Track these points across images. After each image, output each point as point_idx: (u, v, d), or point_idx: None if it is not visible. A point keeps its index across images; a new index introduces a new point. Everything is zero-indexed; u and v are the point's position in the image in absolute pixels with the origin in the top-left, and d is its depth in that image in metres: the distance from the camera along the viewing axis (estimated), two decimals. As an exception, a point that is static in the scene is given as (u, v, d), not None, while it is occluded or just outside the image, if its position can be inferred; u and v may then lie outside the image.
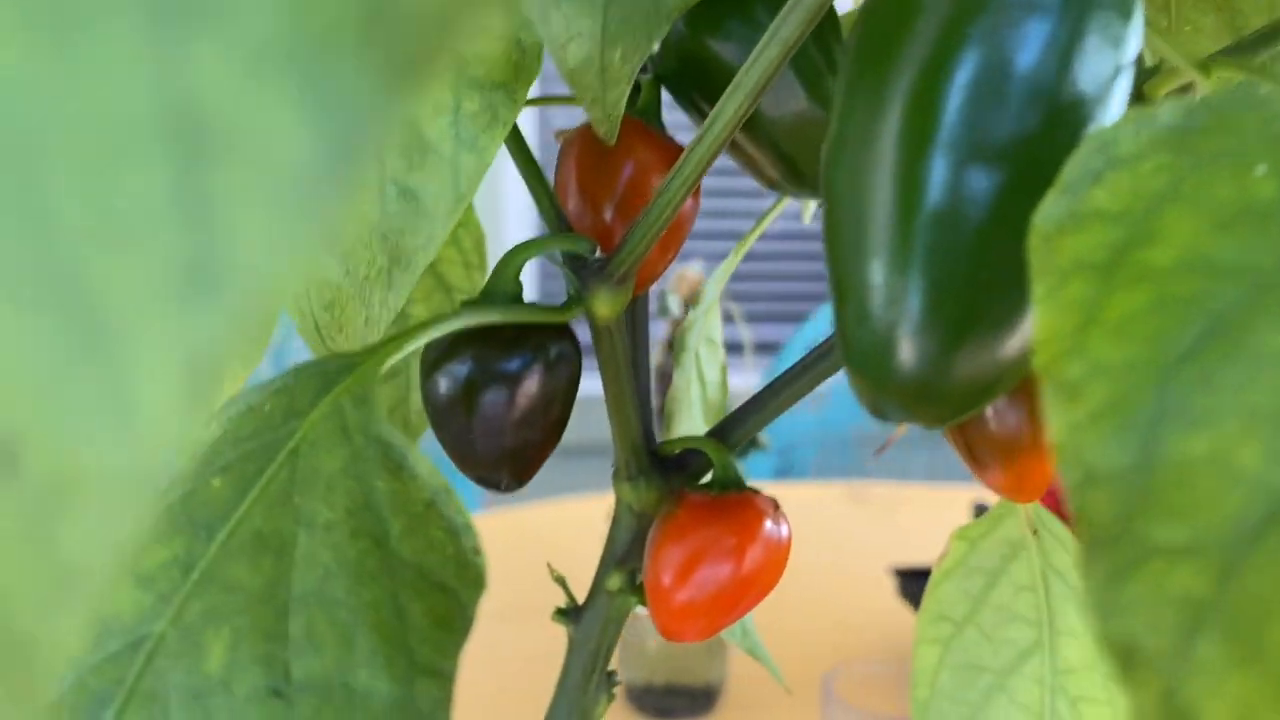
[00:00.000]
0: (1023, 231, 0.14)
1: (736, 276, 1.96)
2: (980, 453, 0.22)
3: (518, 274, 0.20)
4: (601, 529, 0.26)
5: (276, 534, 0.14)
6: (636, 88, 0.23)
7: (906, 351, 0.14)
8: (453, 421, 0.20)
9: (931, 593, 0.30)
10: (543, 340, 0.21)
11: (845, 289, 0.15)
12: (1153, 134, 0.12)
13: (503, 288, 0.20)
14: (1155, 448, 0.11)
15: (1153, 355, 0.11)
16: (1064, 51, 0.14)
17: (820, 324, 1.93)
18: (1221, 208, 0.12)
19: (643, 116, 0.23)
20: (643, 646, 0.89)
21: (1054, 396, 0.11)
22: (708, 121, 0.19)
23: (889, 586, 0.99)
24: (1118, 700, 0.28)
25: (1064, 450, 0.11)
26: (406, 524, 0.14)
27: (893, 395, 0.15)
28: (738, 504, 0.23)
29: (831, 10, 0.21)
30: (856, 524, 1.21)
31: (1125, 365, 0.11)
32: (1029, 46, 0.14)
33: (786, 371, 0.24)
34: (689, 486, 0.24)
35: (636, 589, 0.25)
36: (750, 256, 2.38)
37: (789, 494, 1.32)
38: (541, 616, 0.29)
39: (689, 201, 0.24)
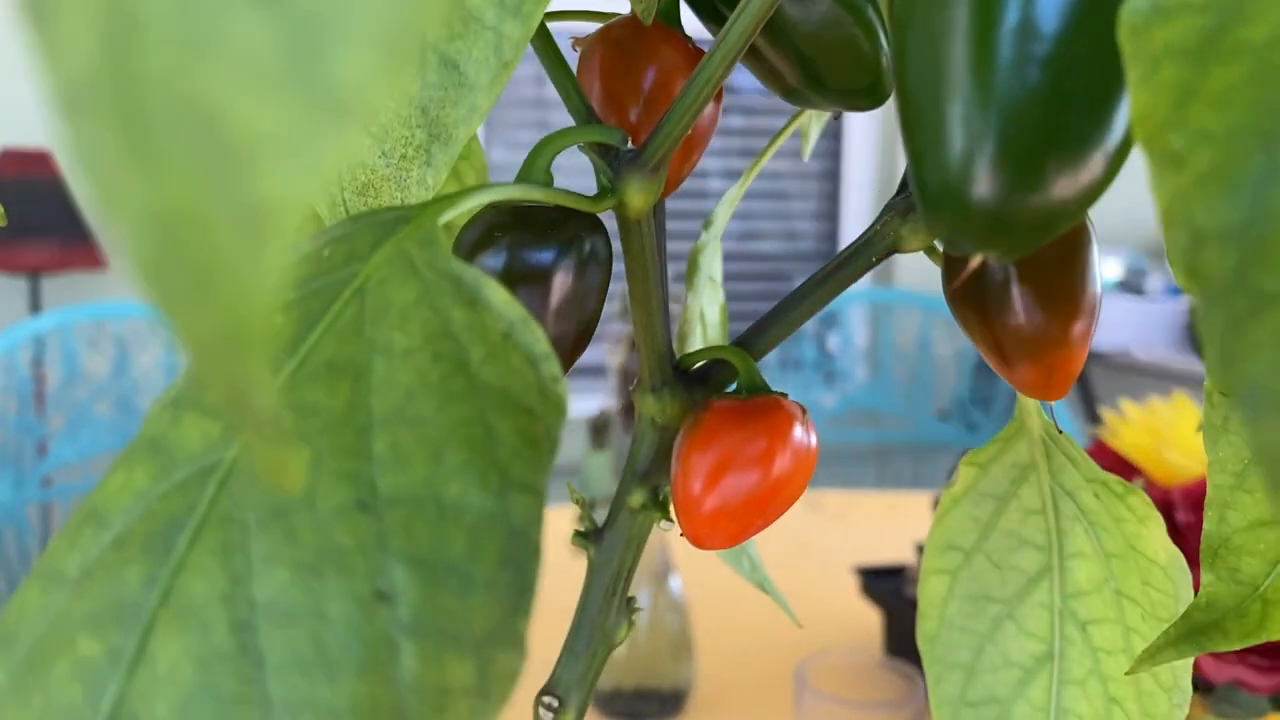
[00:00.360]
0: (1097, 53, 0.14)
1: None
2: (1009, 350, 0.22)
3: (549, 165, 0.20)
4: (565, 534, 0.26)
5: (351, 361, 0.14)
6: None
7: (983, 182, 0.14)
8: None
9: (940, 522, 0.30)
10: (576, 232, 0.21)
11: (918, 128, 0.15)
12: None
13: (535, 177, 0.20)
14: (1266, 204, 0.11)
15: (1256, 120, 0.11)
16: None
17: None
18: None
19: (664, 19, 0.23)
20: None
21: (1158, 167, 0.11)
22: (740, 5, 0.19)
23: (851, 588, 0.99)
24: (1128, 618, 0.28)
25: (1171, 215, 0.11)
26: (486, 351, 0.14)
27: (970, 227, 0.15)
28: (766, 407, 0.23)
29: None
30: (814, 530, 1.21)
31: (1228, 131, 0.11)
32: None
33: (806, 282, 0.24)
34: (714, 396, 0.24)
35: (660, 504, 0.25)
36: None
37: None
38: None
39: (710, 108, 0.24)
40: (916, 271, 2.34)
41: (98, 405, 1.75)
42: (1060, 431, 0.27)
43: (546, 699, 0.25)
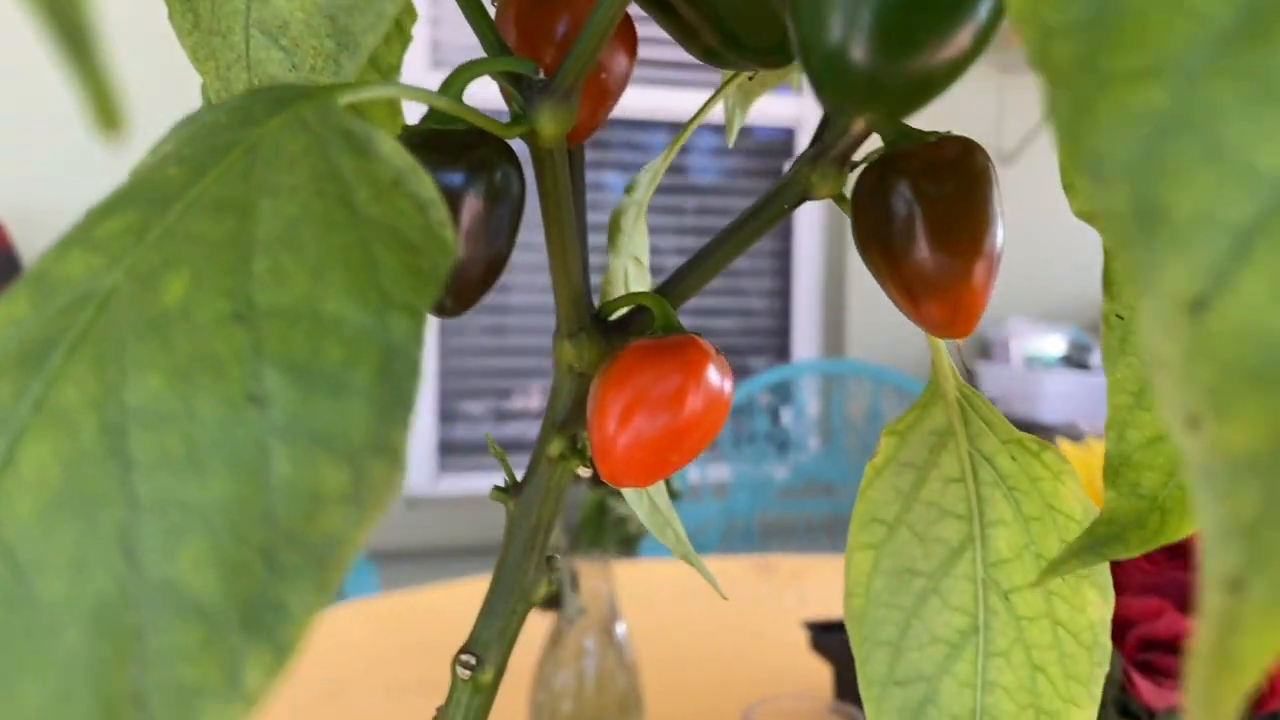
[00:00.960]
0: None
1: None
2: (916, 288, 0.23)
3: (461, 91, 0.21)
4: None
5: (238, 200, 0.14)
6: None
7: (860, 51, 0.15)
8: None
9: (863, 495, 0.30)
10: (488, 159, 0.21)
11: (804, 11, 0.16)
12: None
13: (449, 113, 0.20)
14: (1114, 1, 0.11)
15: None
16: None
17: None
18: None
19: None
20: (555, 710, 0.86)
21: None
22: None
23: (801, 645, 0.99)
24: (1053, 583, 0.28)
25: (1022, 16, 0.12)
26: (373, 193, 0.14)
27: (851, 92, 0.15)
28: (679, 345, 0.23)
29: None
30: (765, 591, 1.20)
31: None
32: None
33: (721, 231, 0.25)
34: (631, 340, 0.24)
35: (578, 452, 0.25)
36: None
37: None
38: (436, 691, 0.30)
39: (621, 58, 0.24)
40: (867, 343, 2.37)
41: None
42: (975, 391, 0.28)
43: (464, 657, 0.25)
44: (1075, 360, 2.51)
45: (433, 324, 2.27)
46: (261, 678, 0.12)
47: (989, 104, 2.38)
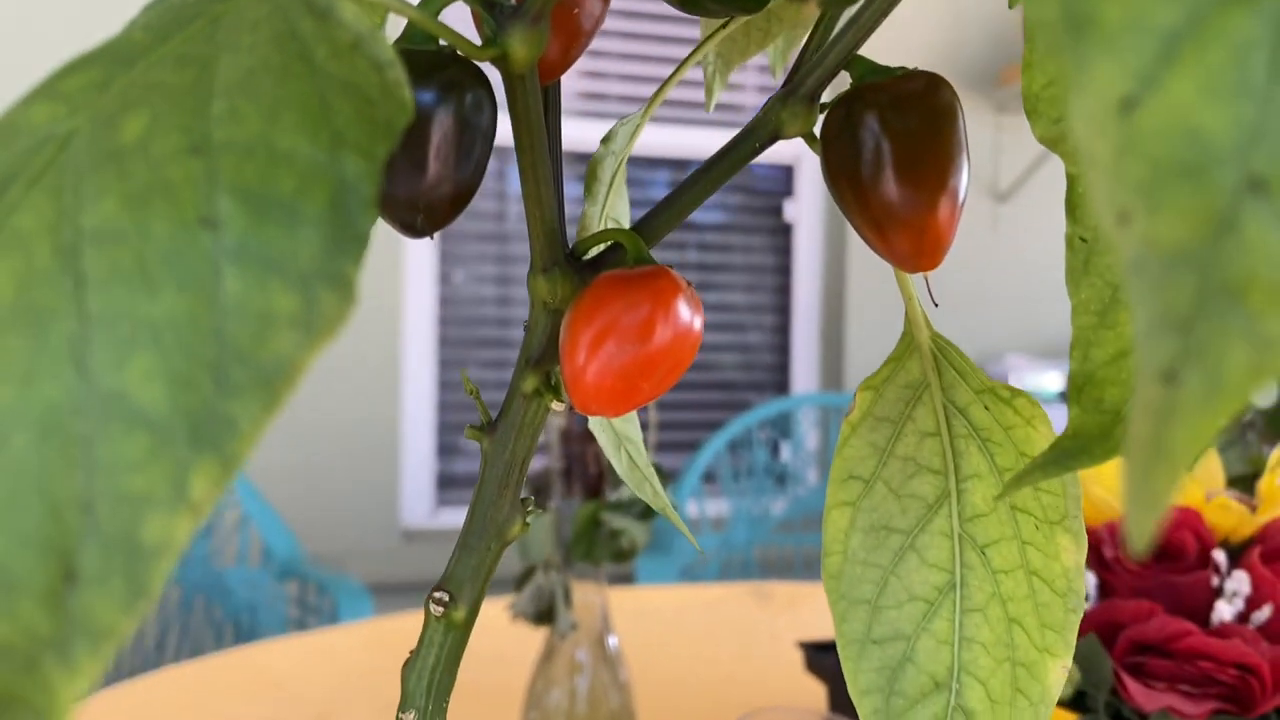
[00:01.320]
0: None
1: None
2: (883, 221, 0.23)
3: (437, 13, 0.21)
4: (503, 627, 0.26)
5: (198, 56, 0.14)
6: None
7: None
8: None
9: (840, 452, 0.30)
10: (459, 79, 0.21)
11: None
12: None
13: (424, 28, 0.21)
14: None
15: None
16: None
17: (709, 451, 1.94)
18: None
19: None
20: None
21: None
22: None
23: (797, 666, 0.98)
24: (1023, 532, 0.28)
25: None
26: (331, 51, 0.14)
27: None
28: (649, 275, 0.23)
29: None
30: (761, 617, 1.20)
31: None
32: None
33: (695, 171, 0.25)
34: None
35: (552, 387, 0.25)
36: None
37: (694, 594, 1.30)
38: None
39: (598, 5, 0.25)
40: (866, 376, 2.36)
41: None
42: (948, 340, 0.28)
43: (437, 594, 0.25)
44: (1074, 396, 2.51)
45: (430, 357, 2.27)
46: (208, 488, 0.12)
47: (984, 142, 2.40)
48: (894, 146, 0.23)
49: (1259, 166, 0.10)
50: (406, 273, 2.23)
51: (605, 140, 0.29)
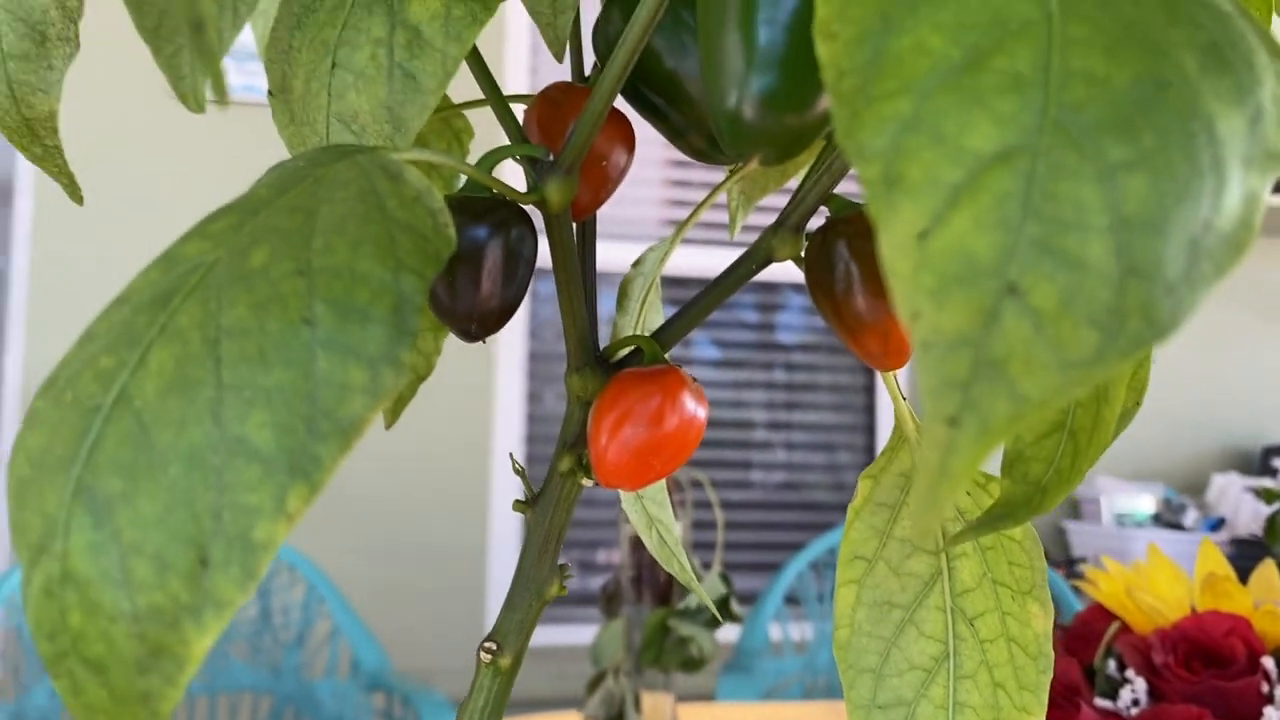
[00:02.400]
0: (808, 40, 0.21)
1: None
2: (854, 324, 0.28)
3: (491, 169, 0.27)
4: None
5: (304, 206, 0.20)
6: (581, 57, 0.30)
7: (750, 112, 0.21)
8: (438, 279, 0.26)
9: (846, 535, 0.34)
10: (508, 220, 0.27)
11: (713, 85, 0.22)
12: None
13: (479, 181, 0.27)
14: (883, 46, 0.17)
15: (878, 9, 0.17)
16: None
17: (791, 572, 1.95)
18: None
19: (585, 84, 0.30)
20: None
21: (821, 40, 0.18)
22: (615, 51, 0.26)
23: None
24: (1003, 603, 0.32)
25: (825, 63, 0.17)
26: (399, 203, 0.20)
27: (745, 139, 0.21)
28: (661, 372, 0.28)
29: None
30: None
31: (862, 10, 0.17)
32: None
33: (702, 291, 0.30)
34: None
35: (584, 467, 0.30)
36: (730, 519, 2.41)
37: (772, 711, 1.31)
38: None
39: (620, 152, 0.31)
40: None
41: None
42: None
43: (487, 644, 0.30)
44: (1166, 519, 2.46)
45: (519, 482, 2.33)
46: (299, 505, 0.17)
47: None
48: (860, 267, 0.27)
49: (1014, 277, 0.15)
50: (497, 398, 2.31)
51: (636, 264, 0.34)
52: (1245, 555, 2.04)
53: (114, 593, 0.17)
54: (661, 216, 2.49)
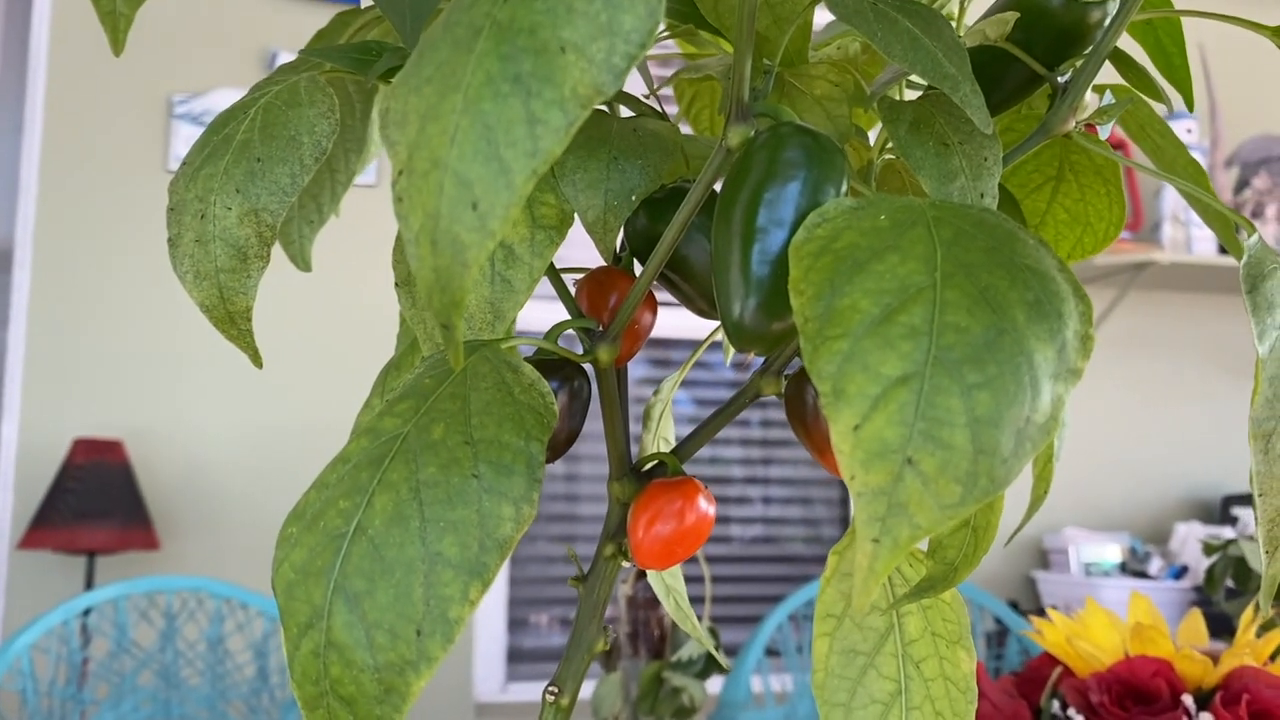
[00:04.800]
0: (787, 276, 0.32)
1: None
2: (820, 445, 0.38)
3: (557, 338, 0.37)
4: None
5: (460, 394, 0.30)
6: (622, 245, 0.41)
7: (749, 320, 0.32)
8: (519, 420, 0.36)
9: (820, 598, 0.45)
10: (571, 374, 0.38)
11: (721, 295, 0.32)
12: (839, 208, 0.30)
13: (549, 349, 0.37)
14: (831, 304, 0.28)
15: (832, 270, 0.28)
16: (810, 189, 0.32)
17: (772, 624, 2.03)
18: (866, 228, 0.29)
19: (624, 268, 0.41)
20: None
21: (791, 293, 0.28)
22: (653, 253, 0.37)
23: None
24: (940, 649, 0.42)
25: (796, 310, 0.28)
26: (521, 390, 0.30)
27: (745, 340, 0.32)
28: (682, 483, 0.39)
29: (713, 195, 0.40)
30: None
31: (819, 277, 0.28)
32: (791, 189, 0.32)
33: (718, 410, 0.41)
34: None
35: (622, 553, 0.40)
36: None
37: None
38: None
39: (648, 316, 0.41)
40: (921, 553, 2.45)
41: (141, 675, 1.85)
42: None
43: (551, 689, 0.40)
44: (1132, 568, 2.57)
45: (507, 534, 2.41)
46: (478, 595, 0.27)
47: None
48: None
49: (911, 454, 0.26)
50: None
51: (656, 392, 0.45)
52: (1207, 601, 2.14)
53: (362, 653, 0.27)
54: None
